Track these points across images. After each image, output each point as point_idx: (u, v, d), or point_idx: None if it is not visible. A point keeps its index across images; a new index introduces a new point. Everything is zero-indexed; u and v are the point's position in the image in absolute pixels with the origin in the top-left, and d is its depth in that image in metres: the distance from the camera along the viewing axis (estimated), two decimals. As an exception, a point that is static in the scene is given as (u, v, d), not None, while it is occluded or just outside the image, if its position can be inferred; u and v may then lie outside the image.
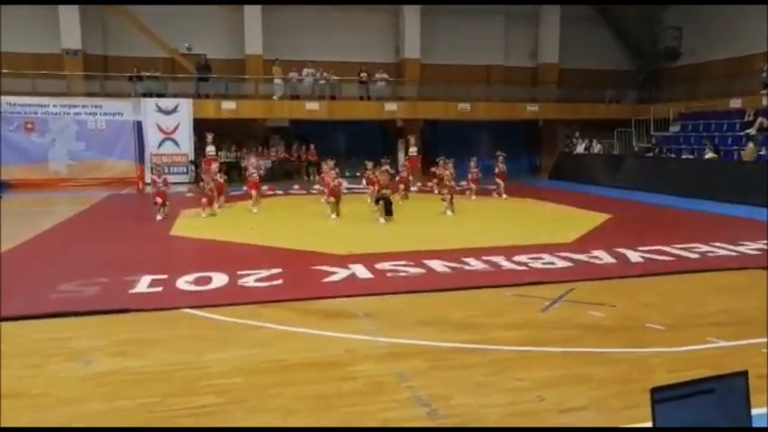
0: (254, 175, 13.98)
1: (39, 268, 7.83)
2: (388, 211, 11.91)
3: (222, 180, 14.13)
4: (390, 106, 23.31)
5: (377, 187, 12.70)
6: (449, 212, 12.90)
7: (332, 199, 12.57)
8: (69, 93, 21.03)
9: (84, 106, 20.70)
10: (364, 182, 15.54)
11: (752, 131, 18.07)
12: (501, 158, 16.60)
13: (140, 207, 13.89)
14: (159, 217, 12.04)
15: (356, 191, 15.85)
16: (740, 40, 21.94)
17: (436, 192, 15.65)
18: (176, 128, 21.29)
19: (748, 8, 21.49)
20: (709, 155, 18.05)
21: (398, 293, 6.57)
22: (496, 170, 16.50)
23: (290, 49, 23.45)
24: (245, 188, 14.50)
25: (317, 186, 14.61)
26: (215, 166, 15.58)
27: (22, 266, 7.91)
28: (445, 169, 14.85)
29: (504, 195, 15.83)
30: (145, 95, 21.47)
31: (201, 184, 13.84)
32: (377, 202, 12.23)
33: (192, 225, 11.55)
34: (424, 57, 24.65)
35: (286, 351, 4.83)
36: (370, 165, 15.11)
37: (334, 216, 12.37)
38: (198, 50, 22.50)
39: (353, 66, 23.61)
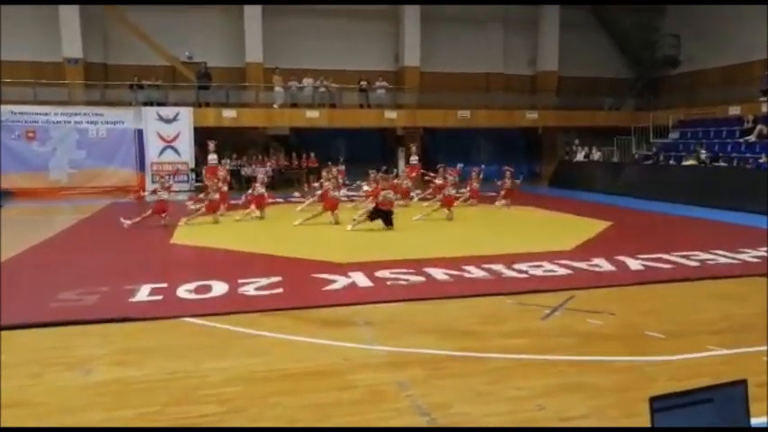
0: (260, 188, 13.75)
1: (39, 277, 7.83)
2: (389, 222, 11.87)
3: (226, 189, 14.17)
4: (390, 114, 23.36)
5: (374, 198, 12.67)
6: (445, 216, 13.08)
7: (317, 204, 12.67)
8: (70, 101, 21.08)
9: (85, 114, 20.74)
10: (364, 186, 15.43)
11: (752, 138, 18.12)
12: (509, 173, 16.12)
13: (141, 215, 13.89)
14: (136, 220, 12.09)
15: (354, 198, 15.83)
16: (738, 47, 22.02)
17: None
18: (177, 136, 21.31)
19: (746, 15, 21.60)
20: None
21: (398, 301, 6.57)
22: (504, 186, 15.91)
23: (290, 57, 23.54)
24: (243, 197, 14.47)
25: (317, 193, 14.57)
26: (223, 174, 15.60)
27: (23, 275, 7.92)
28: (450, 176, 15.05)
29: (505, 204, 15.70)
30: (145, 104, 21.51)
31: (204, 193, 13.81)
32: (374, 212, 12.09)
33: (192, 233, 11.56)
34: (424, 65, 24.74)
35: (286, 360, 4.83)
36: (372, 175, 14.98)
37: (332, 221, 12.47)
38: (198, 59, 22.56)
39: (353, 74, 23.69)
